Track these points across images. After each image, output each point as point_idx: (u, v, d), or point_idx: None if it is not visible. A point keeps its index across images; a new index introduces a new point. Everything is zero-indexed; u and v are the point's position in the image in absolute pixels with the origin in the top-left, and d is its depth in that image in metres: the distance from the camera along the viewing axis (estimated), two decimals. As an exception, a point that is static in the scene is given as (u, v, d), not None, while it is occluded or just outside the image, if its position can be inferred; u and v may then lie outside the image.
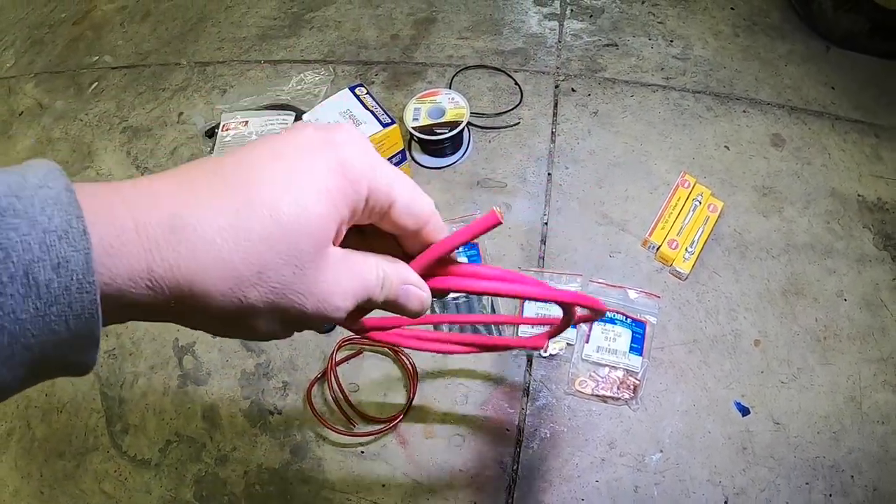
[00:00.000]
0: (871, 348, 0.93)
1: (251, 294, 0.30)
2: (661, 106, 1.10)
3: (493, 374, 0.91)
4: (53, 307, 0.25)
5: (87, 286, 0.26)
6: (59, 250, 0.25)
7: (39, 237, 0.25)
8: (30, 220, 0.25)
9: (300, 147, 0.31)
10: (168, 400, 0.90)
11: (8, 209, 0.24)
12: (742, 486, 0.85)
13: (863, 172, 1.07)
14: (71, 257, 0.25)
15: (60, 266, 0.25)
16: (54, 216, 0.25)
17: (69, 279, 0.25)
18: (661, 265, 0.98)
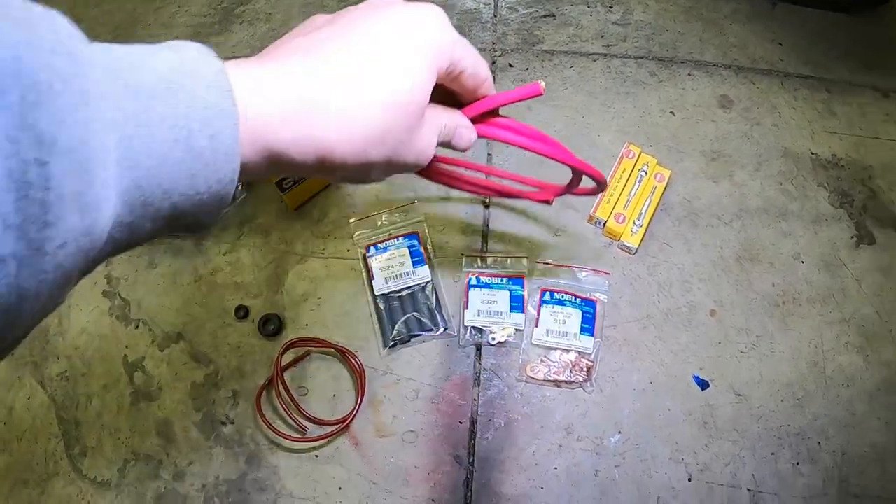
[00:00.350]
0: (832, 310, 0.91)
1: (373, 154, 0.38)
2: (603, 75, 1.06)
3: (441, 368, 0.88)
4: (202, 172, 0.30)
5: (232, 156, 0.31)
6: (214, 123, 0.30)
7: (200, 110, 0.29)
8: (190, 94, 0.29)
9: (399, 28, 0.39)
10: (122, 418, 0.87)
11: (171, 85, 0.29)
12: (706, 462, 0.83)
13: (815, 129, 1.03)
14: (224, 129, 0.30)
15: (214, 136, 0.30)
16: (211, 95, 0.30)
17: (220, 147, 0.30)
18: (608, 241, 0.94)
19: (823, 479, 0.83)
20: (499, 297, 0.89)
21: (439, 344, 0.89)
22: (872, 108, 1.06)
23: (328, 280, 0.93)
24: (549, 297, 0.89)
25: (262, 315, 0.91)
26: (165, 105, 0.28)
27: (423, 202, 0.98)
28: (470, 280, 0.90)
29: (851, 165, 1.01)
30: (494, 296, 0.89)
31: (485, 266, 0.92)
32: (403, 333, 0.88)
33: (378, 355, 0.89)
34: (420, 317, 0.88)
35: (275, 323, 0.90)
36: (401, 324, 0.88)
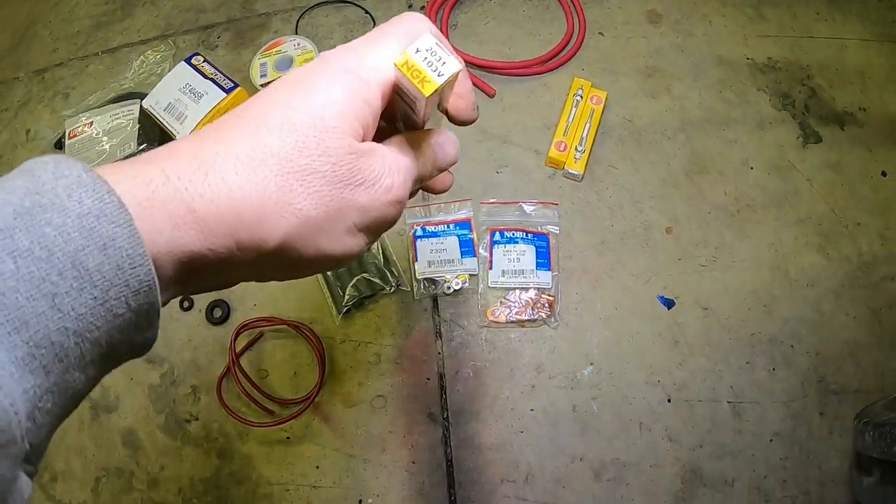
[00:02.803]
0: (788, 212, 0.90)
1: (300, 203, 0.29)
2: (525, 4, 1.02)
3: (399, 326, 0.84)
4: (111, 291, 0.24)
5: (138, 258, 0.25)
6: (100, 230, 0.24)
7: (76, 223, 0.23)
8: (60, 209, 0.23)
9: (301, 74, 0.32)
10: (86, 436, 0.84)
11: (34, 207, 0.23)
12: (682, 381, 0.81)
13: (748, 35, 1.01)
14: (115, 234, 0.24)
15: (107, 246, 0.24)
16: (84, 198, 0.24)
17: (119, 256, 0.24)
18: (552, 171, 0.91)
19: (801, 382, 0.82)
20: (448, 244, 0.85)
21: (394, 302, 0.86)
22: (802, 8, 1.04)
23: (269, 254, 0.89)
24: (500, 237, 0.85)
25: (207, 303, 0.87)
26: (29, 234, 0.23)
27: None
28: (415, 231, 0.86)
29: (788, 67, 0.99)
30: (443, 244, 0.85)
31: (429, 215, 0.88)
32: (356, 297, 0.84)
33: (333, 324, 0.85)
34: (369, 277, 0.84)
35: (222, 308, 0.86)
36: (351, 287, 0.84)
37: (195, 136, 0.29)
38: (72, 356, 0.24)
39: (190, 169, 0.27)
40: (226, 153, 0.28)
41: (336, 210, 0.30)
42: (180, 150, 0.28)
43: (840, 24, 1.03)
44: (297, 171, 0.29)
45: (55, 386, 0.24)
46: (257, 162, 0.28)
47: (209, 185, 0.27)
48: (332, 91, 0.30)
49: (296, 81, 0.31)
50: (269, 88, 0.32)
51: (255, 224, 0.28)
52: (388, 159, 0.33)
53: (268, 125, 0.29)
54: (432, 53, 0.31)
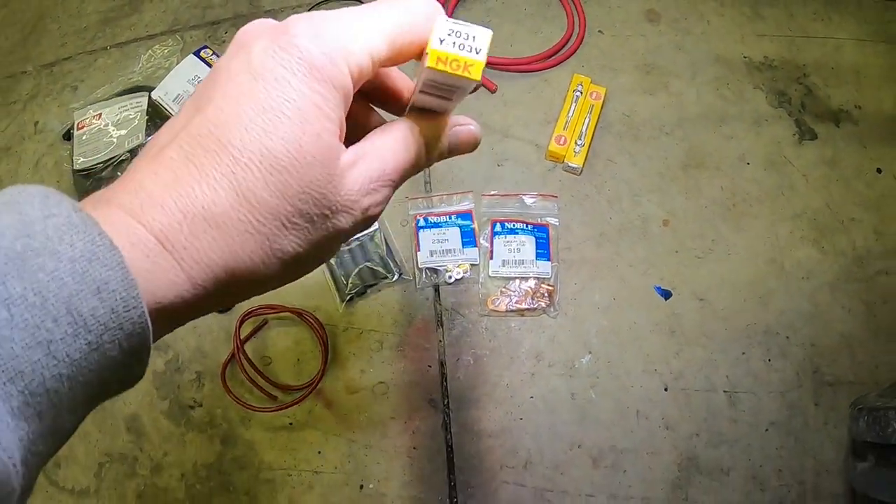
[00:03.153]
0: (783, 206, 0.91)
1: (287, 246, 0.28)
2: (526, 2, 1.04)
3: (401, 315, 0.86)
4: (105, 335, 0.23)
5: (131, 301, 0.24)
6: (93, 274, 0.23)
7: (69, 267, 0.23)
8: (52, 253, 0.22)
9: (255, 74, 0.27)
10: (89, 421, 0.82)
11: (25, 251, 0.22)
12: (679, 370, 0.82)
13: (745, 33, 1.03)
14: (109, 277, 0.23)
15: (100, 290, 0.23)
16: (75, 241, 0.23)
17: (113, 300, 0.23)
18: (552, 164, 0.93)
19: (797, 372, 0.83)
20: (449, 234, 0.87)
21: (396, 291, 0.87)
22: (799, 8, 1.06)
23: (274, 243, 0.90)
24: (501, 228, 0.87)
25: (212, 290, 0.88)
26: (22, 281, 0.22)
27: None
28: (418, 222, 0.88)
29: (785, 65, 1.01)
30: (445, 234, 0.87)
31: (431, 206, 0.90)
32: (359, 285, 0.85)
33: (336, 312, 0.86)
34: (373, 266, 0.86)
35: (227, 296, 0.87)
36: (354, 276, 0.85)
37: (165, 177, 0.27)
38: (65, 400, 0.23)
39: (183, 235, 0.26)
40: (212, 208, 0.26)
41: (318, 241, 0.30)
42: (162, 200, 0.26)
43: (836, 24, 1.05)
44: (281, 216, 0.28)
45: (47, 430, 0.23)
46: (244, 214, 0.27)
47: (204, 249, 0.27)
48: (305, 107, 0.27)
49: (263, 90, 0.27)
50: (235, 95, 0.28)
51: (245, 276, 0.28)
52: (372, 170, 0.31)
53: (245, 162, 0.27)
54: (457, 34, 0.28)
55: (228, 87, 0.28)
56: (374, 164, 0.31)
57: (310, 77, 0.27)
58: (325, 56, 0.27)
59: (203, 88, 0.29)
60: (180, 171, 0.27)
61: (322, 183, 0.28)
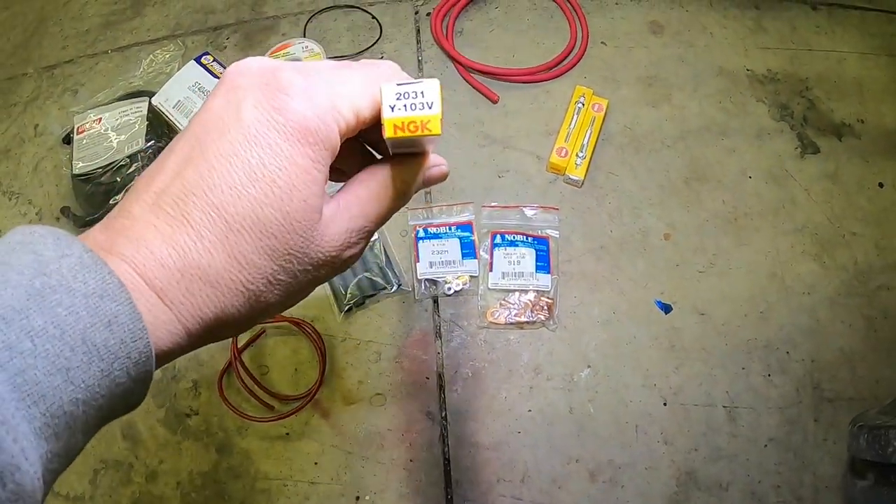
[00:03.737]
0: (784, 221, 0.91)
1: (270, 297, 0.31)
2: (529, 12, 1.04)
3: (400, 326, 0.85)
4: (115, 363, 0.26)
5: (138, 332, 0.26)
6: (104, 309, 0.25)
7: (83, 303, 0.25)
8: (68, 290, 0.25)
9: (249, 137, 0.29)
10: None
11: (44, 288, 0.25)
12: (678, 385, 0.82)
13: (748, 46, 1.03)
14: (118, 311, 0.26)
15: (111, 323, 0.26)
16: (88, 280, 0.26)
17: (122, 332, 0.26)
18: (553, 176, 0.93)
19: (796, 388, 0.82)
20: (449, 246, 0.87)
21: (395, 302, 0.87)
22: (802, 21, 1.06)
23: (272, 252, 0.90)
24: (501, 240, 0.87)
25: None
26: (43, 315, 0.24)
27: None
28: (418, 233, 0.88)
29: (787, 79, 1.01)
30: (444, 245, 0.87)
31: (431, 217, 0.89)
32: (357, 296, 0.85)
33: (335, 322, 0.86)
34: (372, 276, 0.85)
35: (224, 304, 0.86)
36: (353, 286, 0.85)
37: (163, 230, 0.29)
38: (79, 422, 0.26)
39: (180, 291, 0.29)
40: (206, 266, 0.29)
41: (300, 290, 0.33)
42: (161, 253, 0.28)
43: (839, 38, 1.05)
44: (268, 276, 0.30)
45: (62, 449, 0.26)
46: (235, 275, 0.29)
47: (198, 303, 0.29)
48: (295, 174, 0.29)
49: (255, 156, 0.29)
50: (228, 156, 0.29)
51: (232, 324, 0.31)
52: (353, 225, 0.33)
53: (237, 228, 0.29)
54: (406, 95, 0.29)
55: (222, 144, 0.29)
56: (356, 219, 0.33)
57: (302, 142, 0.29)
58: (318, 118, 0.29)
59: (196, 133, 0.30)
60: (178, 229, 0.29)
61: (305, 244, 0.30)
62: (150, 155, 0.95)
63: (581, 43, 1.01)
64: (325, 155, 0.30)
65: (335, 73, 0.31)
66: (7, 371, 0.23)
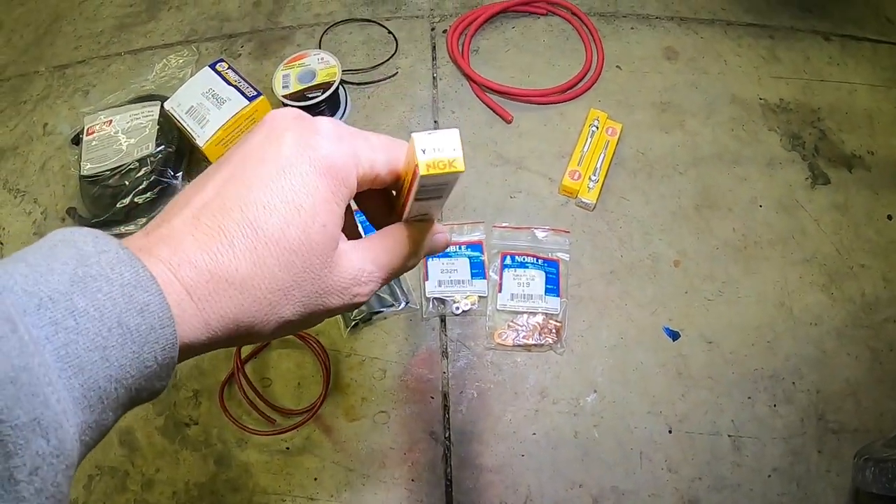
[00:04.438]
0: (794, 251, 0.91)
1: (286, 313, 0.34)
2: (545, 34, 1.05)
3: (406, 344, 0.85)
4: (145, 347, 0.29)
5: (166, 321, 0.30)
6: (138, 298, 0.29)
7: (119, 291, 0.28)
8: (106, 279, 0.28)
9: (284, 166, 0.33)
10: None
11: (86, 277, 0.28)
12: (684, 412, 0.82)
13: (762, 75, 1.03)
14: (150, 301, 0.29)
15: (143, 310, 0.29)
16: (124, 272, 0.29)
17: (152, 319, 0.29)
18: (565, 199, 0.93)
19: (801, 419, 0.82)
20: (459, 265, 0.86)
21: (402, 319, 0.86)
22: (815, 51, 1.07)
23: (281, 264, 0.90)
24: (511, 261, 0.86)
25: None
26: (85, 298, 0.28)
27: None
28: (428, 250, 0.87)
29: (800, 108, 1.01)
30: (454, 264, 0.86)
31: (442, 235, 0.89)
32: (364, 312, 0.85)
33: (340, 337, 0.85)
34: (380, 293, 0.85)
35: (229, 315, 0.86)
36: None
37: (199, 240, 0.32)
38: (110, 399, 0.28)
39: (207, 292, 0.32)
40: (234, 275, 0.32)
41: (310, 313, 0.36)
42: (194, 259, 0.32)
43: (851, 69, 1.05)
44: (285, 289, 0.33)
45: (94, 423, 0.28)
46: (258, 282, 0.33)
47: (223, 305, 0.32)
48: (318, 202, 0.33)
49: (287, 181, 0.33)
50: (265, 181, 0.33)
51: (248, 329, 0.34)
52: (365, 266, 0.37)
53: (265, 241, 0.32)
54: (432, 142, 0.34)
55: (261, 170, 0.33)
56: (369, 261, 0.37)
57: (327, 175, 0.33)
58: (341, 159, 0.34)
59: (236, 161, 0.35)
60: (213, 238, 0.32)
61: (320, 267, 0.34)
62: (159, 159, 0.94)
63: (596, 66, 1.01)
64: (345, 192, 0.34)
65: (359, 131, 0.36)
66: (53, 343, 0.26)
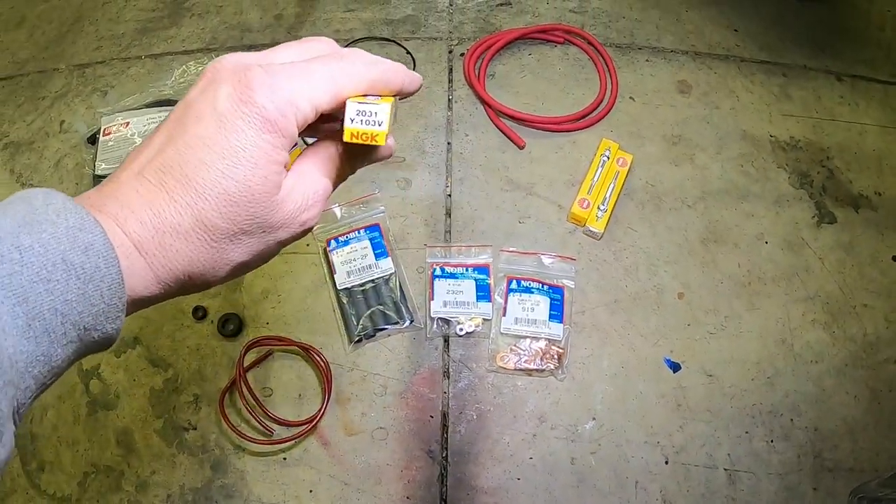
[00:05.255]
0: (797, 288, 0.91)
1: (235, 257, 0.36)
2: (561, 62, 1.06)
3: (409, 362, 0.86)
4: (90, 284, 0.30)
5: (111, 260, 0.31)
6: (82, 238, 0.30)
7: (64, 232, 0.30)
8: (52, 223, 0.30)
9: (220, 122, 0.34)
10: (80, 429, 0.84)
11: (33, 221, 0.30)
12: (681, 444, 0.82)
13: (773, 112, 1.05)
14: (93, 241, 0.31)
15: (87, 249, 0.30)
16: (69, 217, 0.31)
17: (97, 258, 0.31)
18: (573, 226, 0.94)
19: (798, 455, 0.83)
20: (465, 286, 0.87)
21: (406, 337, 0.87)
22: (827, 91, 1.08)
23: (288, 276, 0.91)
24: (517, 286, 0.87)
25: (221, 315, 0.88)
26: (30, 237, 0.29)
27: (384, 193, 0.96)
28: (434, 271, 0.88)
29: (809, 147, 1.02)
30: (460, 286, 0.87)
31: (449, 256, 0.90)
32: (368, 328, 0.85)
33: (343, 351, 0.86)
34: (385, 310, 0.86)
35: (235, 322, 0.87)
36: (365, 318, 0.85)
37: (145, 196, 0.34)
38: (57, 333, 0.30)
39: (155, 245, 0.34)
40: (177, 227, 0.34)
41: (260, 251, 0.37)
42: (141, 214, 0.33)
43: (862, 110, 1.06)
44: (232, 235, 0.35)
45: (42, 356, 0.29)
46: (201, 234, 0.34)
47: (169, 257, 0.34)
48: (257, 155, 0.34)
49: (224, 138, 0.34)
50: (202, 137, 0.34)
51: (199, 277, 0.36)
52: (307, 190, 0.38)
53: (205, 196, 0.34)
54: (363, 113, 0.36)
55: (198, 128, 0.34)
56: (309, 187, 0.38)
57: (263, 129, 0.34)
58: (278, 111, 0.34)
59: (176, 117, 0.36)
60: (156, 195, 0.34)
61: (264, 211, 0.36)
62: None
63: (610, 96, 1.02)
64: (284, 141, 0.35)
65: (299, 70, 0.36)
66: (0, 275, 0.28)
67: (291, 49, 0.39)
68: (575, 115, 1.00)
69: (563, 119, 0.99)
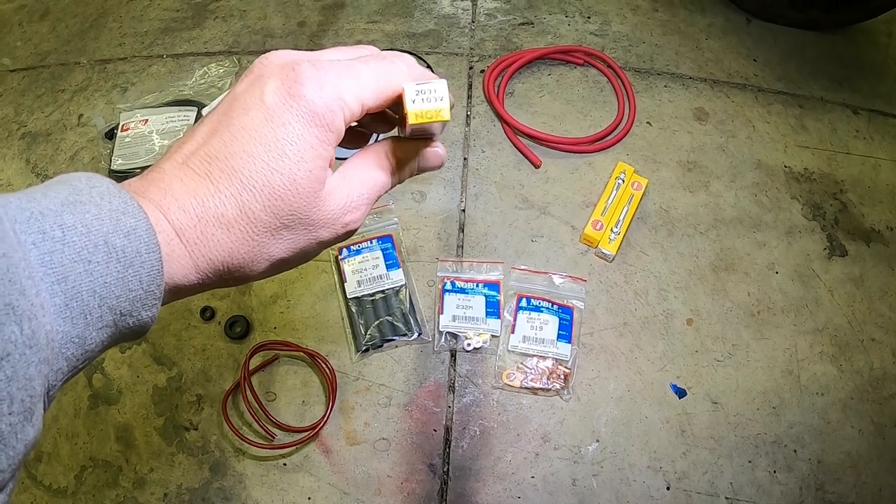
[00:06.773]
0: (806, 320, 0.91)
1: (275, 252, 0.36)
2: (580, 84, 1.07)
3: (415, 374, 0.86)
4: (129, 269, 0.30)
5: (152, 246, 0.31)
6: (125, 222, 0.30)
7: (108, 214, 0.30)
8: (96, 205, 0.30)
9: (268, 116, 0.34)
10: (80, 422, 0.84)
11: (77, 202, 0.30)
12: (684, 470, 0.82)
13: (788, 143, 1.05)
14: (136, 226, 0.30)
15: (130, 234, 0.30)
16: (113, 200, 0.30)
17: (138, 243, 0.30)
18: (585, 247, 0.94)
19: (800, 487, 0.82)
20: (474, 302, 0.87)
21: (413, 349, 0.87)
22: (843, 124, 1.08)
23: (298, 282, 0.91)
24: (526, 304, 0.88)
25: (229, 317, 0.88)
26: (74, 216, 0.29)
27: (398, 205, 0.96)
28: (445, 285, 0.89)
29: (823, 179, 1.02)
30: (470, 301, 0.87)
31: (460, 271, 0.90)
32: (376, 338, 0.86)
33: (350, 360, 0.86)
34: (394, 321, 0.86)
35: (242, 325, 0.87)
36: (374, 328, 0.86)
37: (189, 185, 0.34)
38: (94, 315, 0.29)
39: (196, 234, 0.34)
40: (220, 218, 0.34)
41: (301, 248, 0.37)
42: (184, 203, 0.33)
43: (877, 144, 1.07)
44: (274, 229, 0.35)
45: (77, 338, 0.29)
46: (243, 226, 0.34)
47: (210, 247, 0.34)
48: (303, 149, 0.34)
49: (271, 131, 0.34)
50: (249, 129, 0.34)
51: (238, 270, 0.36)
52: (352, 192, 0.38)
53: (250, 188, 0.34)
54: (422, 92, 0.36)
55: (245, 119, 0.34)
56: (354, 188, 0.38)
57: (311, 123, 0.34)
58: (325, 106, 0.34)
59: (223, 110, 0.36)
60: (200, 184, 0.34)
61: (307, 207, 0.35)
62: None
63: (627, 120, 1.03)
64: (331, 136, 0.35)
65: (347, 68, 0.36)
66: (40, 249, 0.27)
67: (339, 51, 0.39)
68: (592, 136, 1.00)
69: (580, 140, 1.00)
